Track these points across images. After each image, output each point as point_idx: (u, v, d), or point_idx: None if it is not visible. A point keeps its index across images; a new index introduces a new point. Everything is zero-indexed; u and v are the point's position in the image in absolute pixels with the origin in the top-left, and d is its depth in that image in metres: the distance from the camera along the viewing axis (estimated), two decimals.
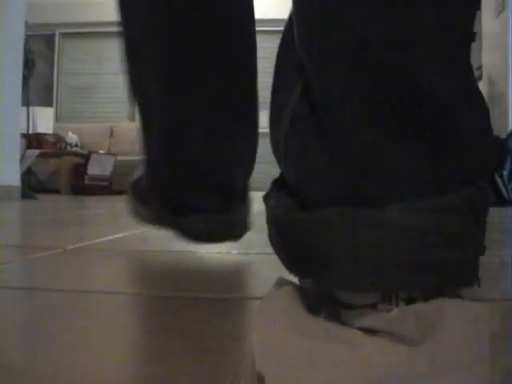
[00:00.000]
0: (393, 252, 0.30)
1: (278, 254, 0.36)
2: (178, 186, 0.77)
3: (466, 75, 0.33)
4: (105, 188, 5.18)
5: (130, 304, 0.49)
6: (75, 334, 0.38)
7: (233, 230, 0.80)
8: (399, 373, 0.29)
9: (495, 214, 2.45)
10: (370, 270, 0.30)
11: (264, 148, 1.05)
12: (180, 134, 0.73)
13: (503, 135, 3.50)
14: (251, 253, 0.89)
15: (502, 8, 3.90)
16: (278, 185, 0.38)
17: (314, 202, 0.33)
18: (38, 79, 5.61)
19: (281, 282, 0.35)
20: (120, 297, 0.51)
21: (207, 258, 0.83)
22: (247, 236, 0.81)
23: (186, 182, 0.76)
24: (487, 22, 4.18)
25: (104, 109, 7.07)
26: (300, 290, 0.34)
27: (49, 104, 6.68)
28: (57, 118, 6.86)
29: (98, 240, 1.00)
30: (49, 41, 7.11)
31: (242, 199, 0.83)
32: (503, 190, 3.32)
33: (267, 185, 0.39)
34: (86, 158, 5.11)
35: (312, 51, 0.33)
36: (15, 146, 3.49)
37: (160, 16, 0.69)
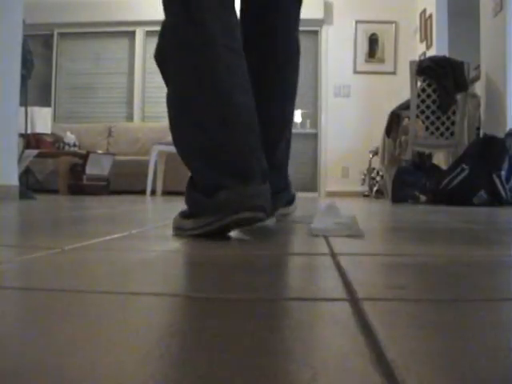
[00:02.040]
0: None
1: None
2: (207, 170, 1.04)
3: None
4: (103, 188, 5.18)
5: (130, 304, 0.49)
6: (74, 334, 0.38)
7: (251, 200, 1.00)
8: None
9: (494, 213, 2.46)
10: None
11: None
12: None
13: (501, 134, 3.50)
14: (250, 253, 0.89)
15: (500, 8, 3.91)
16: None
17: None
18: (36, 79, 5.60)
19: None
20: (119, 297, 0.51)
21: (208, 258, 0.83)
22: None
23: (212, 167, 1.04)
24: (485, 21, 4.19)
25: (102, 109, 7.07)
26: None
27: (47, 104, 6.68)
28: (55, 118, 6.86)
29: (97, 240, 1.00)
30: (47, 41, 7.09)
31: (261, 179, 1.04)
32: (501, 190, 3.32)
33: None
34: (85, 157, 5.11)
35: None
36: (13, 145, 3.49)
37: None
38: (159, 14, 1.19)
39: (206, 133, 1.06)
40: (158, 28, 1.19)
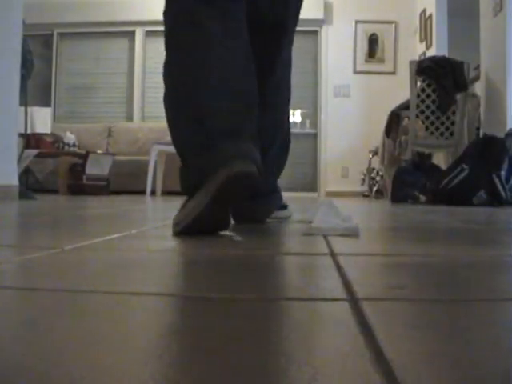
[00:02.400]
0: None
1: None
2: (204, 142, 1.08)
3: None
4: (103, 188, 5.17)
5: (129, 304, 0.49)
6: (73, 334, 0.38)
7: (246, 150, 1.05)
8: None
9: (494, 213, 2.46)
10: None
11: None
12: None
13: (501, 134, 3.50)
14: (248, 253, 0.89)
15: (500, 8, 3.91)
16: None
17: None
18: (36, 79, 5.60)
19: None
20: (119, 297, 0.51)
21: (208, 257, 0.83)
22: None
23: (208, 136, 1.08)
24: (485, 21, 4.19)
25: (102, 109, 7.07)
26: None
27: (47, 104, 6.67)
28: (55, 118, 6.86)
29: (97, 240, 1.00)
30: (47, 41, 7.09)
31: (253, 144, 1.10)
32: (501, 190, 3.32)
33: None
34: (84, 157, 5.10)
35: None
36: (13, 145, 3.49)
37: None
38: (159, 14, 1.19)
39: (204, 120, 1.09)
40: (158, 28, 1.20)
